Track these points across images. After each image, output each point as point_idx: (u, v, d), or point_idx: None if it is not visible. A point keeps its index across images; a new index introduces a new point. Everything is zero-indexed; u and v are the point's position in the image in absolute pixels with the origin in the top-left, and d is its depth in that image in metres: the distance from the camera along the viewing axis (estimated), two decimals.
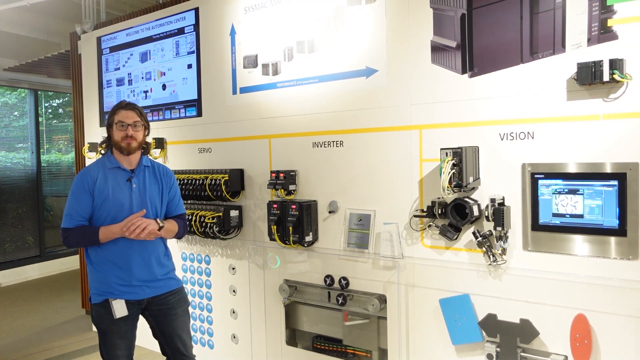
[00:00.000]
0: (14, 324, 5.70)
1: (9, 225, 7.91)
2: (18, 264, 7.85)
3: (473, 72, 2.79)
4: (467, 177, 2.68)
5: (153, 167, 2.96)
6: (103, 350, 2.81)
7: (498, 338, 2.72)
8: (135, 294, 2.78)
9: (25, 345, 5.01)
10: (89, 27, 5.19)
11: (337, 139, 3.36)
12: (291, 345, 3.69)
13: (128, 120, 2.82)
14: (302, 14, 3.49)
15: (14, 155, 8.06)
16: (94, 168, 2.80)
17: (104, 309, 2.73)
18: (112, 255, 2.76)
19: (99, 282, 2.77)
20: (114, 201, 2.75)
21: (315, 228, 3.45)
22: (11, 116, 8.14)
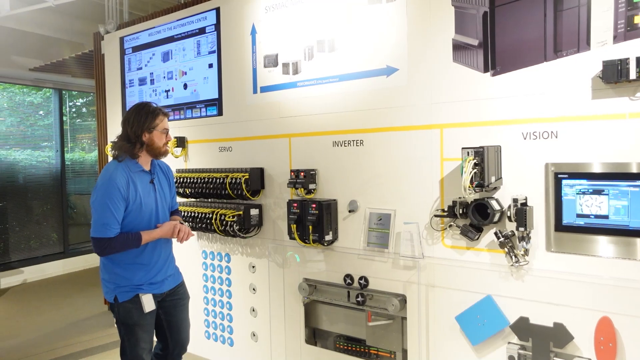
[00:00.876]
0: (38, 319, 5.80)
1: (33, 222, 8.06)
2: (42, 261, 8.01)
3: (495, 71, 2.76)
4: (489, 177, 2.65)
5: (159, 166, 3.07)
6: (127, 346, 2.86)
7: (530, 342, 2.68)
8: (159, 289, 2.93)
9: (48, 340, 5.10)
10: (112, 27, 5.26)
11: (358, 138, 3.35)
12: (310, 344, 3.69)
13: (168, 127, 2.96)
14: (322, 13, 3.48)
15: (39, 153, 8.21)
16: (120, 173, 2.75)
17: (133, 305, 2.81)
18: (139, 254, 2.85)
19: (127, 280, 2.82)
20: (146, 205, 2.84)
21: (335, 227, 3.45)
22: (36, 115, 8.29)
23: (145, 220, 2.82)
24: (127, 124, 2.86)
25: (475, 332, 2.85)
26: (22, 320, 5.80)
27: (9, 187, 7.76)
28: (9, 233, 7.74)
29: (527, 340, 2.69)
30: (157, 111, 2.89)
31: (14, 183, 7.85)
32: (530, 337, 2.68)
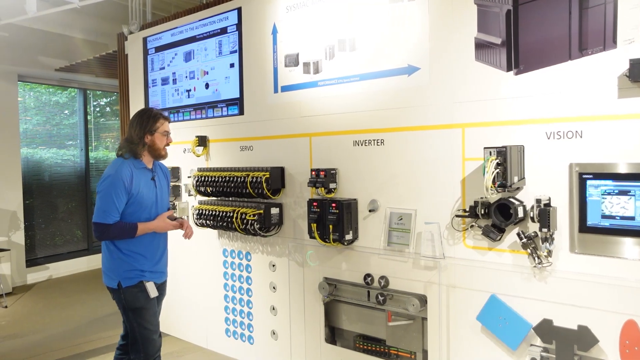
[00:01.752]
0: (63, 314, 5.91)
1: (59, 220, 8.21)
2: (67, 257, 8.15)
3: (519, 70, 2.72)
4: (512, 177, 2.62)
5: (159, 166, 3.33)
6: (137, 331, 3.07)
7: (554, 344, 2.64)
8: (159, 278, 3.19)
9: (73, 335, 5.19)
10: (135, 27, 5.32)
11: (378, 138, 3.34)
12: (330, 343, 3.70)
13: (169, 129, 3.21)
14: (343, 12, 3.48)
15: (64, 152, 8.35)
16: (125, 169, 3.01)
17: (138, 289, 3.04)
18: (142, 246, 3.08)
19: (131, 268, 3.05)
20: (147, 198, 3.09)
21: (355, 226, 3.44)
22: (62, 115, 8.44)
23: (146, 211, 3.08)
24: (131, 127, 3.13)
25: (506, 335, 2.80)
26: (47, 315, 5.92)
27: (35, 185, 7.92)
28: (35, 230, 7.89)
29: (551, 343, 2.65)
30: (158, 115, 3.16)
31: (40, 181, 8.00)
32: (554, 340, 2.64)
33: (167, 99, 4.92)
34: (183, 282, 4.78)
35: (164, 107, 4.95)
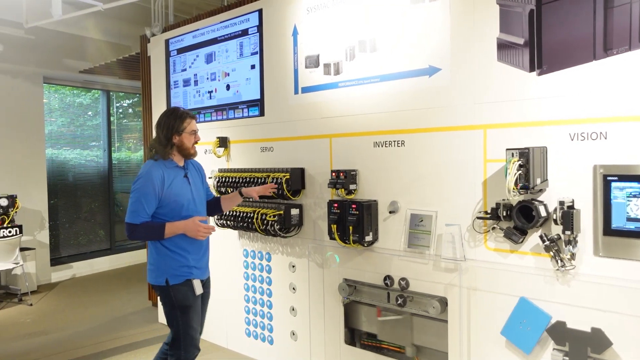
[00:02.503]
0: (85, 313, 6.00)
1: (82, 220, 8.34)
2: (90, 256, 8.28)
3: (542, 70, 2.69)
4: (534, 179, 2.59)
5: (191, 163, 3.33)
6: (181, 329, 3.08)
7: (567, 347, 2.61)
8: (202, 274, 3.21)
9: (95, 333, 5.27)
10: (157, 30, 5.39)
11: (399, 139, 3.33)
12: (350, 345, 3.69)
13: (196, 128, 3.20)
14: (364, 13, 3.48)
15: (88, 153, 8.48)
16: (157, 171, 3.03)
17: (187, 287, 3.07)
18: (188, 243, 3.09)
19: (179, 265, 3.07)
20: (182, 196, 3.09)
21: (375, 228, 3.44)
22: (85, 116, 8.57)
23: (183, 209, 3.08)
24: (159, 127, 3.14)
25: (524, 340, 2.77)
26: (70, 313, 6.01)
27: (60, 185, 8.06)
28: (59, 229, 8.03)
29: (564, 345, 2.63)
30: (184, 115, 3.15)
31: (65, 181, 8.14)
32: (567, 342, 2.61)
33: (188, 100, 4.97)
34: None
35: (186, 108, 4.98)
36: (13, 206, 6.61)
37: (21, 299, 6.53)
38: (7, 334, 5.34)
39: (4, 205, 6.53)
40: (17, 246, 6.32)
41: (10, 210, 6.57)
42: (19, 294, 6.60)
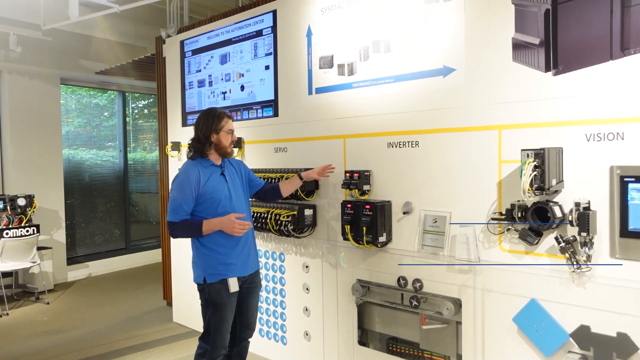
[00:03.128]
0: (101, 312, 6.06)
1: (98, 219, 8.43)
2: (106, 256, 8.36)
3: (557, 70, 2.67)
4: (550, 180, 2.56)
5: (229, 161, 3.38)
6: (212, 325, 3.17)
7: (592, 351, 2.58)
8: (245, 271, 3.23)
9: (111, 332, 5.32)
10: (173, 31, 5.43)
11: (413, 139, 3.32)
12: (363, 346, 3.69)
13: (233, 127, 3.28)
14: (378, 14, 3.47)
15: (104, 153, 8.57)
16: (192, 168, 3.14)
17: (222, 285, 3.13)
18: (228, 240, 3.15)
19: (218, 264, 3.14)
20: (219, 193, 3.16)
21: (389, 229, 3.43)
22: (102, 117, 8.66)
23: (220, 206, 3.14)
24: (197, 127, 3.24)
25: (541, 341, 2.75)
26: (87, 312, 6.08)
27: (76, 185, 8.15)
28: (75, 229, 8.13)
29: (589, 350, 2.59)
30: (222, 114, 3.25)
31: (81, 181, 8.23)
32: (592, 347, 2.58)
33: (203, 101, 5.00)
34: None
35: (200, 109, 5.02)
36: (31, 206, 6.71)
37: (38, 298, 6.62)
38: (25, 332, 5.41)
39: (22, 205, 6.62)
40: (35, 245, 6.41)
41: (28, 210, 6.66)
42: (36, 292, 6.69)
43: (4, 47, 6.76)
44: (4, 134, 7.08)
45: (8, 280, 6.71)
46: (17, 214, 6.59)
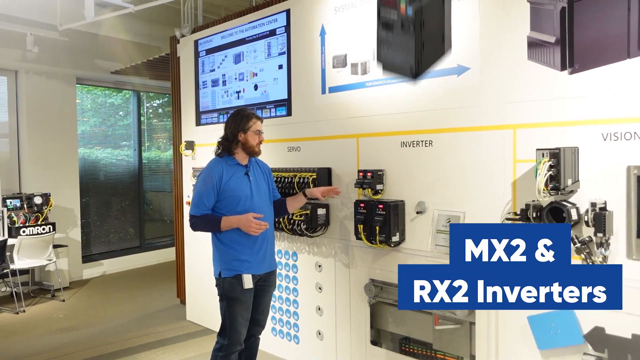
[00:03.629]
0: (116, 309, 6.12)
1: (113, 218, 8.51)
2: (121, 254, 8.44)
3: (573, 69, 2.64)
4: (565, 180, 2.54)
5: (257, 163, 3.45)
6: (227, 319, 3.24)
7: (606, 353, 2.55)
8: (260, 269, 3.27)
9: (125, 329, 5.37)
10: (187, 31, 5.46)
11: (426, 139, 3.31)
12: (376, 345, 3.68)
13: (261, 128, 3.33)
14: None
15: (119, 152, 8.65)
16: (217, 166, 3.24)
17: (236, 280, 3.19)
18: (245, 237, 3.19)
19: (232, 259, 3.21)
20: (241, 192, 3.23)
21: (402, 228, 3.42)
22: (116, 116, 8.74)
23: (240, 204, 3.20)
24: (227, 126, 3.33)
25: (544, 337, 2.73)
26: (101, 309, 6.14)
27: (92, 184, 8.23)
28: (90, 227, 8.21)
29: (603, 352, 2.56)
30: (251, 115, 3.31)
31: (96, 180, 8.31)
32: (606, 349, 2.55)
33: (216, 100, 5.02)
34: None
35: (214, 108, 5.05)
36: (47, 204, 6.79)
37: (54, 295, 6.70)
38: (41, 328, 5.48)
39: (39, 204, 6.70)
40: (51, 243, 6.48)
41: (44, 208, 6.75)
42: (52, 290, 6.77)
43: (21, 47, 6.84)
44: (21, 133, 7.17)
45: (25, 278, 6.79)
46: (33, 212, 6.67)
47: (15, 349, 4.91)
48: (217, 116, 5.03)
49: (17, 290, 6.20)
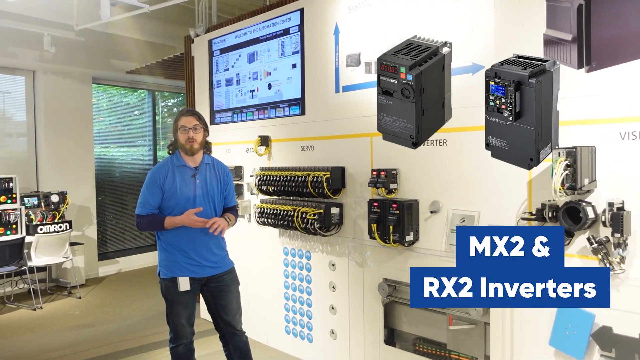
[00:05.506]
0: (131, 307, 6.17)
1: (128, 216, 8.57)
2: (136, 252, 8.52)
3: (591, 67, 2.60)
4: (582, 179, 2.51)
5: (213, 165, 3.40)
6: (169, 317, 3.31)
7: (613, 353, 2.53)
8: (197, 273, 3.24)
9: (140, 327, 5.41)
10: (201, 30, 5.48)
11: (441, 138, 3.29)
12: (389, 345, 3.67)
13: (189, 124, 3.24)
14: (406, 11, 3.44)
15: (134, 151, 8.72)
16: (163, 166, 3.28)
17: (171, 283, 3.22)
18: (179, 240, 3.22)
19: (169, 261, 3.24)
20: (181, 194, 3.22)
21: (416, 228, 3.40)
22: (132, 115, 8.81)
23: (181, 205, 3.20)
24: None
25: (558, 334, 2.71)
26: (117, 306, 6.20)
27: (107, 182, 8.31)
28: (106, 225, 8.29)
29: (610, 351, 2.54)
30: (179, 113, 3.33)
31: (112, 179, 8.39)
32: (614, 348, 2.52)
33: (230, 99, 5.04)
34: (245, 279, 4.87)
35: (228, 107, 5.07)
36: (63, 202, 6.87)
37: (70, 292, 6.78)
38: (57, 325, 5.54)
39: (55, 202, 6.79)
40: (67, 241, 6.56)
41: (61, 206, 6.83)
42: (68, 287, 6.85)
43: (39, 47, 6.92)
44: (38, 132, 7.26)
45: (42, 275, 6.88)
46: (50, 210, 6.76)
47: (33, 345, 4.97)
48: (231, 115, 5.04)
49: (34, 287, 6.29)
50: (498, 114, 2.80)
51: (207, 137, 3.36)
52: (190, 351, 3.37)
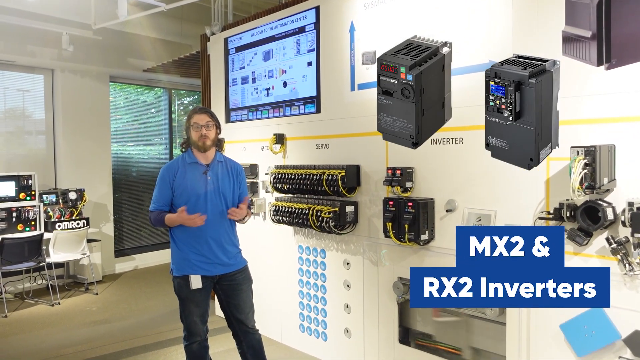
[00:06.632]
0: (147, 304, 6.22)
1: (144, 213, 8.64)
2: (152, 249, 8.58)
3: (610, 64, 2.56)
4: (601, 178, 2.47)
5: (226, 163, 3.41)
6: (182, 315, 3.32)
7: None
8: (209, 271, 3.25)
9: (156, 323, 5.46)
10: (217, 28, 5.50)
11: (457, 136, 3.26)
12: (404, 344, 3.65)
13: (201, 122, 3.26)
14: (421, 8, 3.42)
15: (150, 149, 8.79)
16: (174, 164, 3.32)
17: (183, 281, 3.23)
18: (190, 238, 3.22)
19: (180, 259, 3.26)
20: (192, 191, 3.24)
21: (431, 226, 3.38)
22: (148, 113, 8.88)
23: (192, 201, 3.21)
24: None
25: (581, 342, 2.68)
26: (133, 303, 6.25)
27: (124, 180, 8.39)
28: (123, 222, 8.37)
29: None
30: (191, 111, 3.35)
31: (128, 176, 8.47)
32: None
33: (246, 97, 5.05)
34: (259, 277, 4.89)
35: (243, 105, 5.08)
36: (81, 199, 6.95)
37: (87, 288, 6.85)
38: (75, 321, 5.61)
39: (73, 199, 6.87)
40: (85, 238, 6.63)
41: (79, 203, 6.91)
42: (85, 283, 6.93)
43: (57, 46, 7.00)
44: (57, 130, 7.35)
45: (60, 271, 6.98)
46: (68, 207, 6.84)
47: (51, 340, 5.04)
48: (246, 113, 5.06)
49: (52, 283, 6.37)
50: (498, 114, 2.80)
51: (219, 135, 3.38)
52: (204, 348, 3.37)
